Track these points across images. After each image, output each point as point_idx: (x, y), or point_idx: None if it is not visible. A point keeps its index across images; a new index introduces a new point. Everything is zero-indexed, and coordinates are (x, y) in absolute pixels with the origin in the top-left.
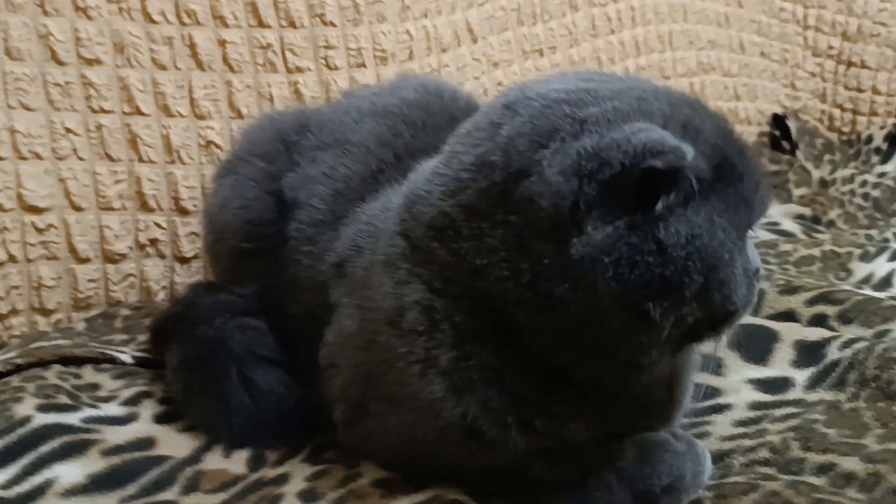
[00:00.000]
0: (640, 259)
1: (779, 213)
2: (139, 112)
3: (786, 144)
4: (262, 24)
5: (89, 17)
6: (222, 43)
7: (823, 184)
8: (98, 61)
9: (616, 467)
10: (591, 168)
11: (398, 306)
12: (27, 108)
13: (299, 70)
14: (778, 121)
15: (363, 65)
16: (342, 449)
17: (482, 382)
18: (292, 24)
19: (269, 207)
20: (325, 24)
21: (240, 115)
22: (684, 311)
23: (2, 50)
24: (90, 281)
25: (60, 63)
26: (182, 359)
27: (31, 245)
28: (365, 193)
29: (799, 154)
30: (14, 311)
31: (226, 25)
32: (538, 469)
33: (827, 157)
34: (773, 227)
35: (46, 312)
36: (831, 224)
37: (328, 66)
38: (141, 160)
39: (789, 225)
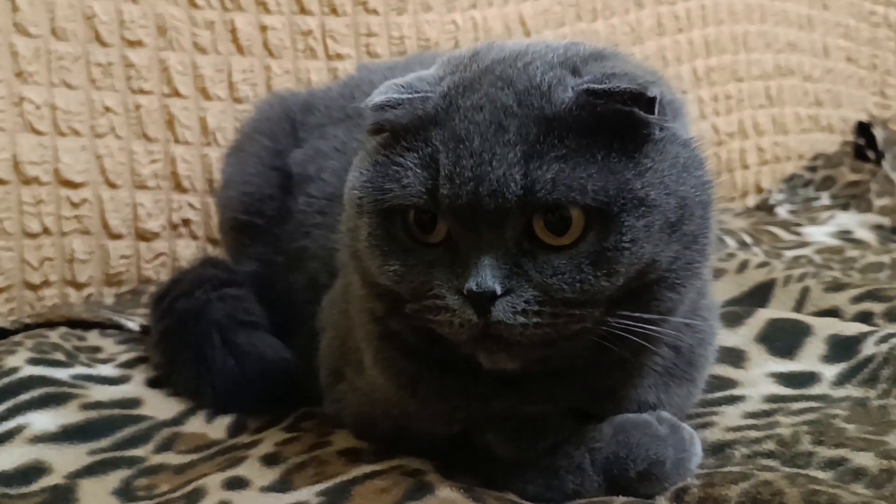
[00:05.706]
0: None
1: (854, 221)
2: (177, 94)
3: (870, 154)
4: (304, 11)
5: (134, 0)
6: (263, 28)
7: None
8: (140, 43)
9: (589, 449)
10: None
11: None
12: (69, 86)
13: (339, 57)
14: (863, 129)
15: (405, 53)
16: (322, 420)
17: (398, 352)
18: (334, 11)
19: (271, 182)
20: (367, 11)
21: None
22: None
23: (47, 29)
24: (122, 257)
25: (104, 44)
26: (162, 332)
27: (66, 218)
28: None
29: (885, 164)
30: (46, 283)
31: (268, 11)
32: (497, 443)
33: None
34: (844, 235)
35: (78, 286)
36: None
37: (369, 54)
38: (177, 141)
39: (864, 234)
